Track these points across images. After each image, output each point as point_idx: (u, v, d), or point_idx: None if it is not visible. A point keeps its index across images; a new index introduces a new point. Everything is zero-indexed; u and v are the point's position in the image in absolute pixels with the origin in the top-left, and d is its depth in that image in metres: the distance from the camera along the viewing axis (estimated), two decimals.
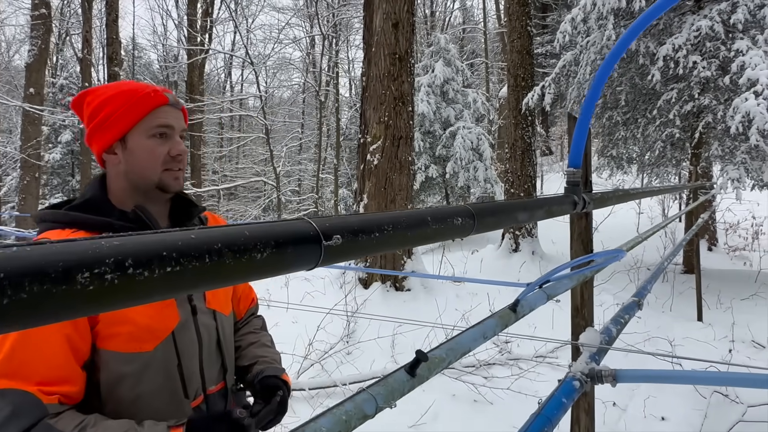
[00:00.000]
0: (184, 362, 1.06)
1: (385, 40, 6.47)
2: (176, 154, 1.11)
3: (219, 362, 1.17)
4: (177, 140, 1.12)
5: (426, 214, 0.68)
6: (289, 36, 26.88)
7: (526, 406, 3.91)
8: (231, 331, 1.25)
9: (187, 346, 1.08)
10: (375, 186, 6.51)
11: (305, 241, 0.49)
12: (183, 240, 0.39)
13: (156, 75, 32.03)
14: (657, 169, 9.24)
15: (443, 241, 0.80)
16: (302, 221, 0.51)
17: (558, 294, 1.23)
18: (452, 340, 0.81)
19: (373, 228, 0.57)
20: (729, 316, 6.00)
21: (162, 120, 1.08)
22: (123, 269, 0.34)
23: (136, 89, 1.09)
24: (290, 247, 0.47)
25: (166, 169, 1.10)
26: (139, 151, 1.08)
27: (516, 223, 0.94)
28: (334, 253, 0.52)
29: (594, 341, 1.52)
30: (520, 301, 1.01)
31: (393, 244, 0.61)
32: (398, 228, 0.61)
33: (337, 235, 0.50)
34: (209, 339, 1.14)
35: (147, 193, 1.10)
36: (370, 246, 0.57)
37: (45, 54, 13.47)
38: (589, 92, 1.36)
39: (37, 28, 13.14)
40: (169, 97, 1.11)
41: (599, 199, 1.49)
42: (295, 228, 0.49)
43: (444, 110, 13.09)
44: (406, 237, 0.63)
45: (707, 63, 6.82)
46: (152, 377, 1.01)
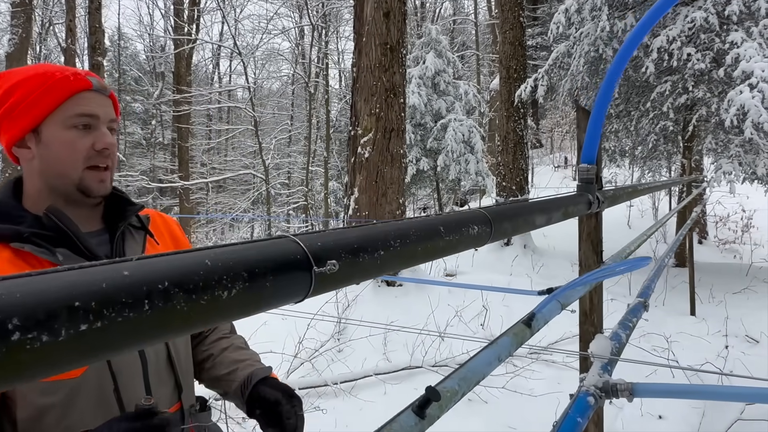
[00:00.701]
0: (122, 386, 0.92)
1: (376, 30, 6.31)
2: (102, 148, 0.94)
3: (171, 381, 1.03)
4: (103, 131, 0.95)
5: (437, 223, 0.57)
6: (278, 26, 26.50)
7: (521, 405, 3.84)
8: (187, 342, 1.11)
9: (126, 367, 0.93)
10: (366, 179, 6.38)
11: (290, 268, 0.37)
12: (109, 280, 0.27)
13: (143, 66, 31.48)
14: (650, 162, 9.20)
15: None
16: (286, 240, 0.38)
17: (572, 302, 1.12)
18: (464, 367, 0.69)
19: (377, 244, 0.45)
20: (722, 310, 5.98)
21: (84, 108, 0.93)
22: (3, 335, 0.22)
23: (53, 71, 0.93)
24: (269, 279, 0.35)
25: (90, 167, 0.94)
26: (55, 144, 0.92)
27: (533, 227, 0.83)
28: (329, 282, 0.40)
29: (605, 349, 1.42)
30: (535, 315, 0.90)
31: (400, 262, 0.49)
32: (407, 242, 0.49)
33: (333, 260, 0.38)
34: (157, 356, 1.00)
35: (68, 196, 0.95)
36: (374, 268, 0.45)
37: (26, 43, 13.11)
38: (604, 84, 1.24)
39: (18, 16, 12.78)
40: (93, 82, 0.95)
41: (612, 197, 1.39)
42: (276, 251, 0.37)
43: (435, 102, 12.96)
44: (415, 252, 0.51)
45: (701, 55, 6.75)
46: (82, 407, 0.87)
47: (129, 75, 29.80)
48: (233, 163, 25.83)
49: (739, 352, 4.71)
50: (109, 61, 31.02)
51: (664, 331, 5.13)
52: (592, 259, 1.47)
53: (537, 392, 3.86)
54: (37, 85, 0.91)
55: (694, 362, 4.30)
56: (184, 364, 1.08)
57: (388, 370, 4.24)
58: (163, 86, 27.04)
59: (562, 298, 1.07)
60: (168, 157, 28.15)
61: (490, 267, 8.35)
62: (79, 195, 0.95)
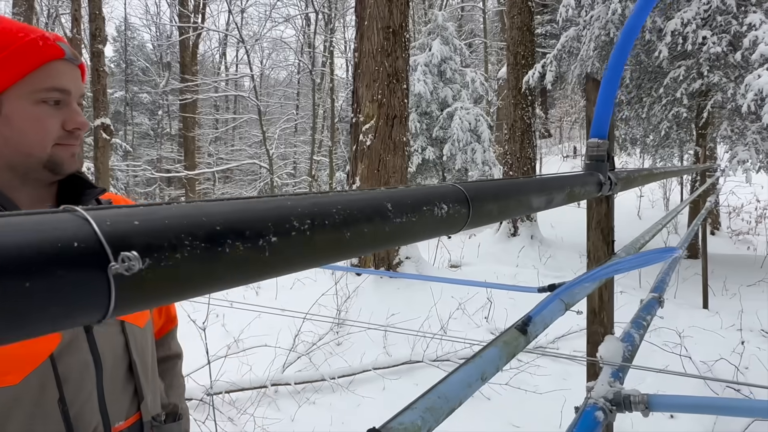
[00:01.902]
0: (69, 395, 0.78)
1: (378, 13, 6.10)
2: (74, 128, 0.83)
3: (131, 389, 0.89)
4: (74, 108, 0.83)
5: (383, 198, 0.40)
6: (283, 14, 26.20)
7: (526, 402, 3.68)
8: (150, 346, 0.97)
9: (77, 374, 0.80)
10: (368, 168, 6.21)
11: (59, 264, 0.21)
12: None
13: (150, 56, 31.36)
14: (661, 150, 8.94)
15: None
16: (63, 216, 0.22)
17: (578, 301, 0.95)
18: (433, 392, 0.53)
19: (263, 226, 0.29)
20: (736, 303, 5.77)
21: (56, 81, 0.80)
22: None
23: (17, 31, 0.79)
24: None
25: (58, 144, 0.82)
26: (19, 120, 0.78)
27: (528, 210, 0.66)
28: (152, 290, 0.24)
29: (616, 353, 1.25)
30: (532, 319, 0.73)
31: (307, 254, 0.33)
32: (323, 225, 0.33)
33: (157, 251, 0.22)
34: (114, 361, 0.86)
35: (27, 174, 0.82)
36: (256, 263, 0.29)
37: None
38: (618, 44, 1.06)
39: (19, 4, 12.67)
40: (65, 49, 0.82)
41: (626, 179, 1.21)
42: (32, 235, 0.20)
43: (441, 90, 12.72)
44: (340, 240, 0.35)
45: (717, 38, 6.48)
46: (20, 419, 0.74)
47: (136, 65, 29.72)
48: (239, 153, 25.73)
49: (754, 347, 4.51)
50: (116, 51, 30.97)
51: (676, 325, 4.94)
52: (603, 250, 1.30)
53: (542, 389, 3.70)
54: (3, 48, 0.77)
55: (708, 358, 4.11)
56: (147, 370, 0.94)
57: (387, 365, 4.10)
58: (170, 76, 26.96)
59: (566, 296, 0.90)
60: (175, 148, 28.12)
61: (495, 258, 8.17)
62: (45, 173, 0.83)
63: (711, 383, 3.72)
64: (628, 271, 0.93)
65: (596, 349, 1.30)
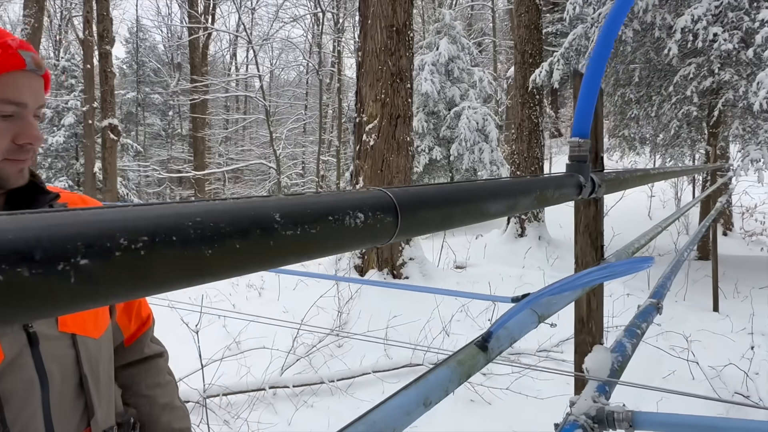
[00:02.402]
0: (10, 416, 0.74)
1: (382, 12, 6.05)
2: (24, 143, 0.78)
3: (81, 404, 0.85)
4: (29, 122, 0.79)
5: (270, 208, 0.35)
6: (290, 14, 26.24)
7: (527, 407, 3.60)
8: (106, 358, 0.92)
9: (21, 392, 0.76)
10: (371, 168, 6.16)
11: None
12: None
13: (161, 57, 31.59)
14: (671, 149, 8.78)
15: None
16: None
17: (554, 313, 0.89)
18: (364, 420, 0.47)
19: (30, 250, 0.24)
20: (747, 306, 5.63)
21: (10, 94, 0.76)
22: None
23: None
24: None
25: (7, 159, 0.78)
26: None
27: (483, 218, 0.60)
28: None
29: (604, 365, 1.18)
30: (493, 334, 0.67)
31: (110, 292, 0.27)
32: (152, 245, 0.28)
33: None
34: (63, 376, 0.82)
35: None
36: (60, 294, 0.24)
37: (39, 33, 13.12)
38: (600, 36, 1.00)
39: (30, 6, 12.77)
40: (27, 60, 0.77)
41: (613, 181, 1.14)
42: None
43: (449, 89, 12.62)
44: (192, 261, 0.30)
45: (729, 35, 6.33)
46: None
47: (148, 66, 29.96)
48: (249, 153, 25.82)
49: (765, 352, 4.39)
50: (128, 52, 31.24)
51: (684, 329, 4.83)
52: (591, 255, 1.23)
53: (544, 394, 3.62)
54: None
55: (716, 363, 4.00)
56: (103, 385, 0.90)
57: (387, 368, 4.04)
58: (180, 77, 27.15)
59: (539, 306, 0.84)
60: (185, 148, 28.31)
61: (502, 259, 8.08)
62: None
63: (719, 389, 3.62)
64: (607, 280, 0.86)
65: (584, 360, 1.24)
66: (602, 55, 0.97)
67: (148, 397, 1.03)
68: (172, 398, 1.06)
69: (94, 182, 13.79)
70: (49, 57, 28.46)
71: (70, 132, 22.37)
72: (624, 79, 7.85)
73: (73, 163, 22.73)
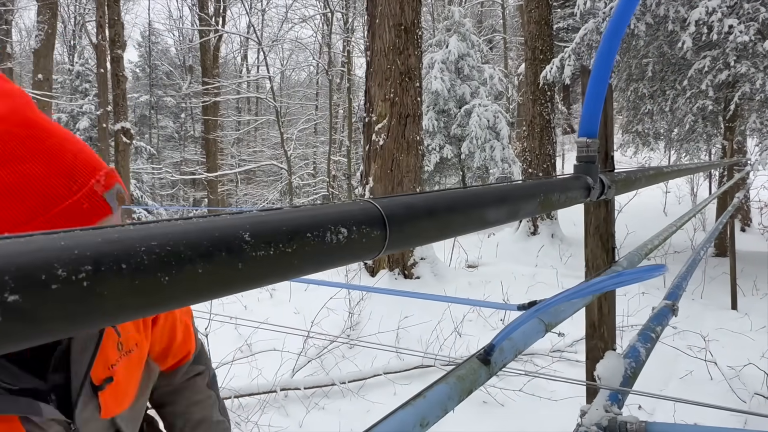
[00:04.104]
0: None
1: (390, 11, 6.02)
2: None
3: None
4: None
5: (238, 224, 0.32)
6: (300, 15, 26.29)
7: (540, 409, 3.55)
8: (141, 407, 0.92)
9: None
10: (381, 168, 6.13)
11: None
12: None
13: (173, 60, 31.86)
14: (687, 144, 8.62)
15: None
16: None
17: (562, 321, 0.85)
18: None
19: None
20: (766, 304, 5.52)
21: None
22: None
23: (60, 186, 0.62)
24: None
25: None
26: None
27: (484, 226, 0.57)
28: None
29: (616, 372, 1.14)
30: (495, 347, 0.64)
31: (46, 328, 0.25)
32: (98, 274, 0.25)
33: None
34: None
35: None
36: None
37: (52, 39, 13.30)
38: (607, 32, 0.96)
39: (44, 12, 12.95)
40: (113, 205, 0.67)
41: (624, 181, 1.10)
42: None
43: (459, 87, 12.54)
44: (118, 300, 0.27)
45: (745, 27, 6.20)
46: None
47: (160, 69, 30.22)
48: (261, 154, 25.94)
49: None
50: (141, 56, 31.54)
51: (702, 327, 4.74)
52: (602, 258, 1.19)
53: (558, 395, 3.56)
54: (31, 209, 0.60)
55: (735, 363, 3.91)
56: (135, 423, 0.90)
57: (398, 369, 4.02)
58: (192, 79, 27.35)
59: (547, 315, 0.81)
60: (198, 150, 28.51)
61: (514, 258, 8.01)
62: None
63: (739, 390, 3.53)
64: (615, 288, 0.83)
65: (595, 367, 1.19)
66: (610, 52, 0.93)
67: (183, 414, 1.02)
68: (209, 413, 1.04)
69: None
70: (63, 62, 28.87)
71: (85, 136, 22.66)
72: (637, 74, 7.73)
73: None
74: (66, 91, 24.94)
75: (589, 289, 0.74)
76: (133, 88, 31.00)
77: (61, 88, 25.40)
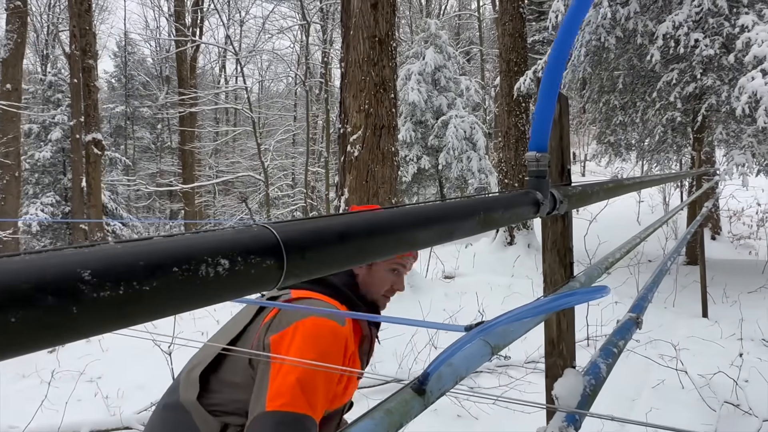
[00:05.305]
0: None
1: (364, 22, 6.02)
2: (396, 289, 1.36)
3: None
4: (403, 279, 1.36)
5: (76, 261, 0.28)
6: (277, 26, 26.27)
7: (515, 421, 3.52)
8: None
9: None
10: (356, 179, 6.09)
11: None
12: None
13: (150, 70, 31.47)
14: (657, 155, 8.79)
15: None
16: None
17: (509, 343, 0.82)
18: None
19: None
20: (736, 311, 5.61)
21: (404, 260, 1.34)
22: None
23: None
24: None
25: (384, 296, 1.36)
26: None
27: (410, 248, 0.53)
28: None
29: (574, 392, 1.11)
30: (430, 375, 0.60)
31: None
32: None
33: None
34: None
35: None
36: None
37: (21, 48, 13.01)
38: (555, 45, 0.95)
39: (13, 21, 12.67)
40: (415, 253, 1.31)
41: (579, 195, 1.08)
42: None
43: (436, 99, 12.63)
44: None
45: (710, 41, 6.37)
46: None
47: (137, 80, 29.82)
48: (239, 165, 25.71)
49: (755, 358, 4.34)
50: (117, 66, 31.09)
51: (674, 336, 4.78)
52: (560, 273, 1.17)
53: (531, 408, 3.53)
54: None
55: (706, 371, 3.95)
56: None
57: (371, 384, 3.95)
58: (168, 89, 27.06)
59: (493, 336, 0.77)
60: (175, 161, 28.12)
61: (491, 268, 8.03)
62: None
63: (709, 399, 3.56)
64: (555, 310, 0.80)
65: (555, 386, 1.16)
66: (558, 64, 0.91)
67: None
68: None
69: (81, 197, 13.60)
70: (36, 72, 28.27)
71: (58, 147, 22.15)
72: (608, 86, 7.87)
73: (60, 179, 22.48)
74: (38, 101, 24.40)
75: (534, 311, 0.71)
76: (108, 99, 30.51)
77: (32, 98, 24.83)
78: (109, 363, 4.65)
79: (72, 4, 13.59)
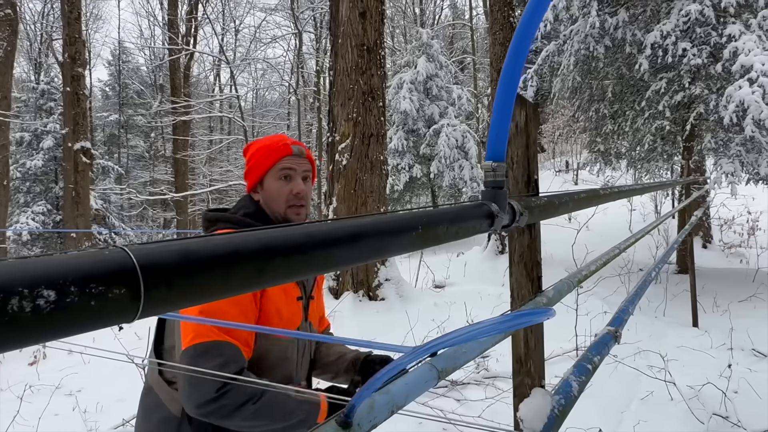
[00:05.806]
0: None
1: (352, 31, 6.01)
2: (296, 192, 1.33)
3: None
4: (298, 180, 1.33)
5: None
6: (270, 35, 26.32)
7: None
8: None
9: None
10: (345, 188, 6.05)
11: None
12: None
13: (144, 79, 31.42)
14: (647, 164, 8.81)
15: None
16: None
17: (462, 365, 0.77)
18: None
19: None
20: (726, 320, 5.57)
21: (285, 164, 1.31)
22: None
23: (274, 143, 1.33)
24: None
25: (290, 206, 1.33)
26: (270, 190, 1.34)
27: (322, 270, 0.48)
28: None
29: (541, 413, 1.06)
30: (356, 407, 0.54)
31: None
32: None
33: None
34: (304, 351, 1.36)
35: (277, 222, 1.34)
36: None
37: (11, 56, 12.93)
38: (511, 49, 0.90)
39: (2, 29, 12.60)
40: (294, 149, 1.32)
41: (544, 206, 1.03)
42: None
43: (428, 107, 12.63)
44: None
45: (698, 50, 6.39)
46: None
47: (131, 88, 29.75)
48: (232, 173, 25.63)
49: (744, 369, 4.30)
50: (111, 75, 31.02)
51: (664, 345, 4.74)
52: (527, 288, 1.12)
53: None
54: (263, 153, 1.31)
55: (695, 382, 3.90)
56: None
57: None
58: (162, 98, 27.00)
59: (440, 360, 0.72)
60: (169, 169, 27.99)
61: (482, 277, 7.98)
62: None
63: (697, 410, 3.51)
64: (500, 333, 0.75)
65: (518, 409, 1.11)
66: (514, 69, 0.86)
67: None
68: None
69: (73, 206, 13.49)
70: (29, 80, 28.16)
71: (49, 155, 22.02)
72: (598, 95, 7.88)
73: (52, 187, 22.32)
74: (30, 109, 24.28)
75: (482, 333, 0.65)
76: (103, 107, 30.42)
77: (24, 107, 24.71)
78: (89, 375, 4.55)
79: (65, 13, 13.57)
